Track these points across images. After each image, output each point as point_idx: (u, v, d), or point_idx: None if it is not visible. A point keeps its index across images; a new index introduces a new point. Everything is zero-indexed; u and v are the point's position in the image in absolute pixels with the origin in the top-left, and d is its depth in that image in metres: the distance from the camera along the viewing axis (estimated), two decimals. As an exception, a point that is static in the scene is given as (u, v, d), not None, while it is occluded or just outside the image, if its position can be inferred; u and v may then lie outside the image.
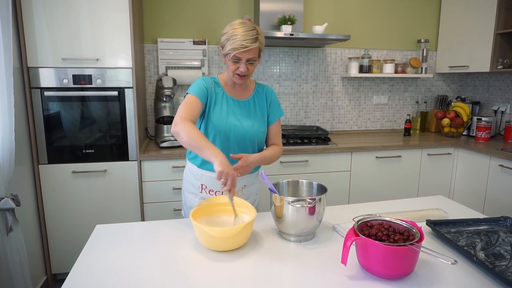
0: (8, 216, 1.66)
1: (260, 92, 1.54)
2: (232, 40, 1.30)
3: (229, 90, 1.49)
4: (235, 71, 1.38)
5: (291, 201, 1.15)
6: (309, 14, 3.02)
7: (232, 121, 1.45)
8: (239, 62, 1.35)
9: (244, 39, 1.29)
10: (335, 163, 2.63)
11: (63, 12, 2.07)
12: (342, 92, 3.23)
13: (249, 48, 1.30)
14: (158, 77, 2.81)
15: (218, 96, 1.46)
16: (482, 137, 2.90)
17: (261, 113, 1.52)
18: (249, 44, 1.30)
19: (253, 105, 1.51)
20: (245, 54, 1.32)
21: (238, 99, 1.49)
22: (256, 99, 1.52)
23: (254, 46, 1.32)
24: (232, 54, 1.32)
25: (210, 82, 1.46)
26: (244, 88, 1.52)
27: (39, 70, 2.10)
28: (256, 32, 1.33)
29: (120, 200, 2.33)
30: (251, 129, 1.47)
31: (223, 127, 1.43)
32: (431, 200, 1.63)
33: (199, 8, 2.83)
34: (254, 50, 1.33)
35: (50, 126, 2.17)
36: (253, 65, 1.38)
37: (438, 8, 3.30)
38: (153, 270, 1.03)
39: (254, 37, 1.31)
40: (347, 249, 0.97)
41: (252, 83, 1.56)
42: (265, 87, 1.56)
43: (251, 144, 1.50)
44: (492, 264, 1.03)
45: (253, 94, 1.52)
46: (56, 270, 2.33)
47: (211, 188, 1.52)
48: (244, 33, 1.30)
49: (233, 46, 1.30)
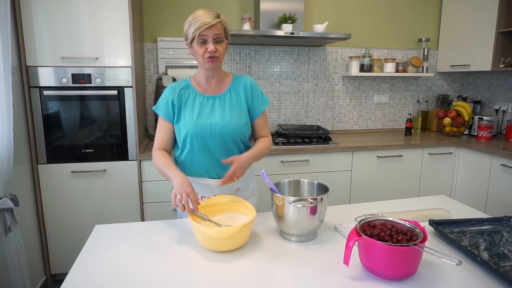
0: (7, 216, 1.65)
1: (237, 83, 1.46)
2: (194, 22, 1.30)
3: (202, 89, 1.44)
4: (204, 55, 1.33)
5: (293, 201, 1.14)
6: (310, 13, 3.01)
7: (206, 120, 1.39)
8: (206, 43, 1.32)
9: (206, 17, 1.29)
10: (336, 162, 2.61)
11: (63, 10, 2.06)
12: (342, 91, 3.22)
13: (212, 23, 1.28)
14: (158, 76, 2.79)
15: (189, 100, 1.41)
16: (484, 137, 2.88)
17: (239, 106, 1.44)
18: (211, 19, 1.28)
19: (229, 98, 1.43)
20: (210, 30, 1.29)
21: (213, 95, 1.43)
22: (232, 92, 1.45)
23: (217, 21, 1.30)
24: (197, 34, 1.29)
25: (177, 88, 1.42)
26: (219, 83, 1.45)
27: (38, 69, 2.09)
28: (216, 12, 1.33)
29: (119, 200, 2.31)
30: (229, 124, 1.39)
31: (198, 129, 1.37)
32: (433, 199, 1.62)
33: (199, 7, 2.80)
34: (218, 26, 1.31)
35: (49, 126, 2.16)
36: (221, 44, 1.34)
37: (439, 6, 3.29)
38: (152, 271, 1.02)
39: (215, 14, 1.31)
40: (349, 250, 0.96)
41: (229, 76, 1.48)
42: (242, 77, 1.49)
43: (233, 141, 1.43)
44: (496, 265, 1.02)
45: (229, 87, 1.45)
46: (55, 270, 2.32)
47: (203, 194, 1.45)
48: (204, 12, 1.31)
49: (196, 27, 1.29)
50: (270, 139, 1.54)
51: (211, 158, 1.42)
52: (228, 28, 1.38)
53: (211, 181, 1.44)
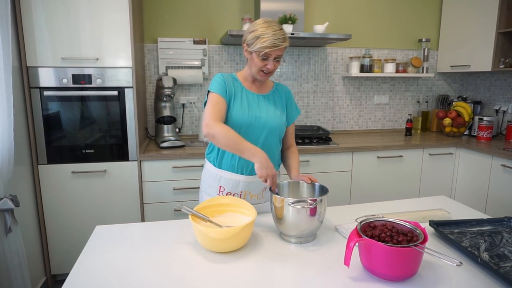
0: (7, 216, 1.65)
1: (279, 90, 1.58)
2: (263, 38, 1.34)
3: (248, 86, 1.52)
4: (261, 68, 1.41)
5: (292, 202, 1.14)
6: (310, 14, 3.01)
7: (254, 113, 1.46)
8: (268, 59, 1.39)
9: (276, 38, 1.34)
10: (336, 163, 2.61)
11: (63, 11, 2.06)
12: (343, 91, 3.22)
13: (281, 46, 1.36)
14: (158, 76, 2.79)
15: (237, 91, 1.48)
16: (484, 137, 2.88)
17: (281, 107, 1.55)
18: (280, 43, 1.35)
19: (273, 99, 1.54)
20: (276, 52, 1.37)
21: (258, 93, 1.52)
22: (276, 94, 1.56)
23: (285, 45, 1.37)
24: (263, 52, 1.36)
25: (228, 78, 1.49)
26: (262, 85, 1.55)
27: (38, 69, 2.09)
28: (284, 31, 1.39)
29: (120, 201, 2.31)
30: (273, 119, 1.48)
31: (245, 120, 1.44)
32: (433, 200, 1.62)
33: (200, 8, 2.82)
34: (283, 48, 1.39)
35: (49, 126, 2.16)
36: (278, 62, 1.42)
37: (439, 7, 3.29)
38: (153, 271, 1.02)
39: (283, 36, 1.37)
40: (350, 250, 0.96)
41: (270, 82, 1.60)
42: (283, 86, 1.61)
43: (274, 136, 1.50)
44: (497, 265, 1.02)
45: (272, 90, 1.56)
46: (56, 271, 2.32)
47: (229, 191, 1.50)
48: (275, 32, 1.35)
49: (264, 44, 1.34)
50: (296, 148, 1.65)
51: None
52: None
53: (240, 177, 1.48)
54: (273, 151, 1.50)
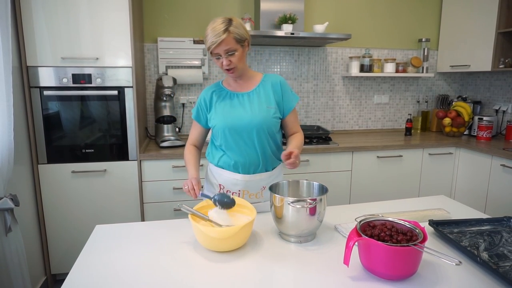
0: (7, 216, 1.65)
1: (266, 81, 1.52)
2: (206, 39, 1.36)
3: (233, 88, 1.52)
4: (222, 67, 1.41)
5: (291, 201, 1.14)
6: (310, 13, 3.01)
7: (237, 113, 1.46)
8: (221, 57, 1.38)
9: (213, 35, 1.32)
10: (336, 162, 2.62)
11: (63, 10, 2.06)
12: (343, 91, 3.22)
13: (218, 41, 1.31)
14: (158, 76, 2.80)
15: (219, 99, 1.50)
16: (484, 137, 2.88)
17: (267, 101, 1.49)
18: (217, 38, 1.31)
19: (257, 95, 1.49)
20: (219, 48, 1.34)
21: (243, 91, 1.50)
22: (261, 89, 1.51)
23: (223, 37, 1.31)
24: (210, 52, 1.37)
25: (208, 92, 1.52)
26: (248, 82, 1.52)
27: (38, 69, 2.09)
28: (225, 24, 1.33)
29: (120, 200, 2.31)
30: (258, 115, 1.45)
31: (227, 123, 1.45)
32: (433, 200, 1.62)
33: (200, 7, 2.82)
34: (226, 41, 1.33)
35: (49, 126, 2.16)
36: (234, 55, 1.37)
37: (439, 7, 3.29)
38: (153, 271, 1.02)
39: (222, 29, 1.32)
40: (349, 250, 0.96)
41: (258, 75, 1.54)
42: (272, 76, 1.55)
43: (264, 134, 1.48)
44: (496, 265, 1.02)
45: (258, 85, 1.51)
46: (56, 271, 2.32)
47: (229, 189, 1.52)
48: (212, 29, 1.33)
49: (207, 45, 1.35)
50: (302, 134, 1.62)
51: (241, 152, 1.48)
52: (241, 32, 1.38)
53: (237, 175, 1.50)
54: (268, 150, 1.50)
